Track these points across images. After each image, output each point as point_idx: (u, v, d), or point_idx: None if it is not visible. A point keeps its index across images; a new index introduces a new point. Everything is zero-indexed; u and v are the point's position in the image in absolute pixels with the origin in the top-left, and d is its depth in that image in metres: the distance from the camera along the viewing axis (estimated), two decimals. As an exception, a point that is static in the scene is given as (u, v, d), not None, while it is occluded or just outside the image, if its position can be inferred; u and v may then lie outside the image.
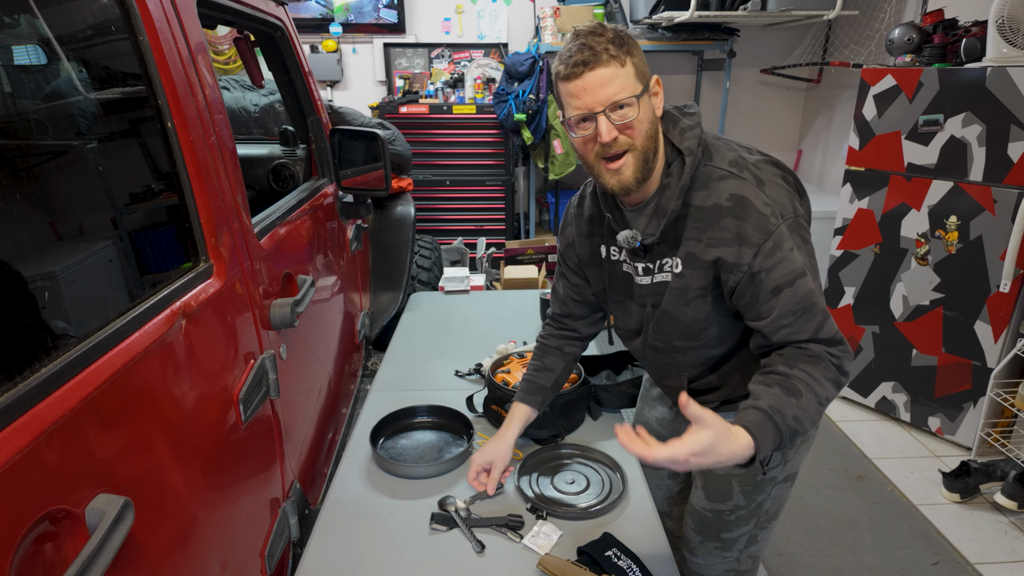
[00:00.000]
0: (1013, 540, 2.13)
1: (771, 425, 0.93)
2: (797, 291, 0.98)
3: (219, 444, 1.00)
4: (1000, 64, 2.26)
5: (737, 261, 1.00)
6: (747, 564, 1.35)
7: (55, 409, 0.65)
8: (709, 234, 1.02)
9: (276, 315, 1.25)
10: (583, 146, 1.03)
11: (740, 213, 0.99)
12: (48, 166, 1.15)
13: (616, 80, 0.97)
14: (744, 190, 1.00)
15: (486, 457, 1.28)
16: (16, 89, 1.29)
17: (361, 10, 3.94)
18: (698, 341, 1.14)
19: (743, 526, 1.29)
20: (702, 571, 1.38)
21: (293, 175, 2.28)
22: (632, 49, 0.99)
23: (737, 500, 1.26)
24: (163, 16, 0.98)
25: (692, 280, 1.07)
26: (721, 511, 1.28)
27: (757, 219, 0.98)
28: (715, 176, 1.03)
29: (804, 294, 0.99)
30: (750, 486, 1.24)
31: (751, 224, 0.98)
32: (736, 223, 0.99)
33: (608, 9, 3.78)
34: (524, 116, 3.56)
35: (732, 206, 1.00)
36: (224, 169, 1.12)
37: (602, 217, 1.18)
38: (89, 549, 0.63)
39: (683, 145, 1.04)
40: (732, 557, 1.34)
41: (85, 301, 1.09)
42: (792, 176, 1.08)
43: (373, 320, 2.58)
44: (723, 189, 1.01)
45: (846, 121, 3.73)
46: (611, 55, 0.96)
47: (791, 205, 1.01)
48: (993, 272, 2.36)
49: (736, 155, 1.05)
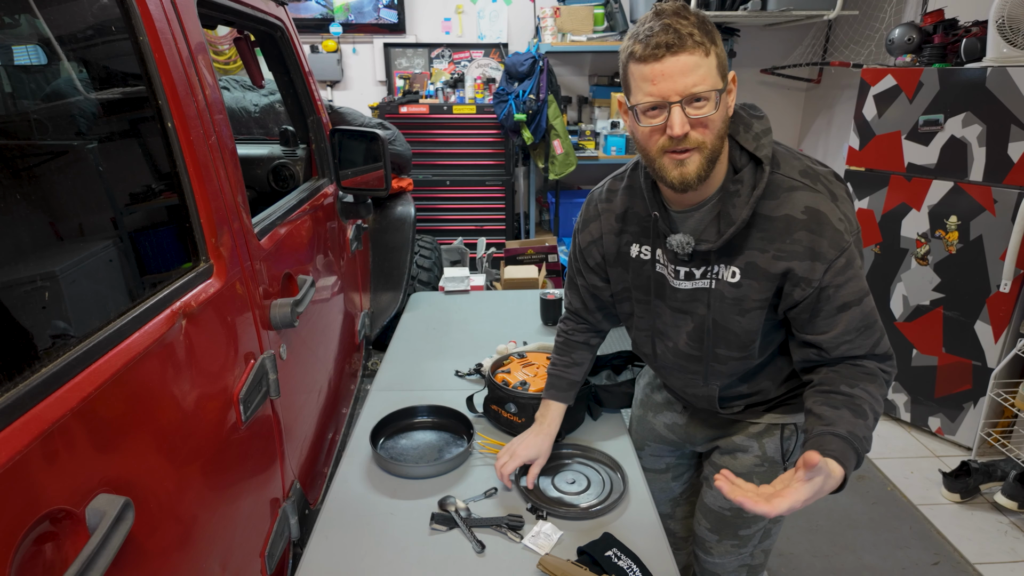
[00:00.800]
0: (1013, 540, 2.13)
1: (852, 451, 0.93)
2: (864, 308, 0.99)
3: (219, 444, 1.00)
4: (1000, 64, 2.26)
5: (808, 276, 0.97)
6: (760, 558, 1.36)
7: (55, 409, 0.65)
8: (777, 246, 0.98)
9: (276, 315, 1.25)
10: (647, 137, 0.97)
11: (815, 227, 0.96)
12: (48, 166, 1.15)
13: (699, 70, 0.89)
14: (820, 204, 0.97)
15: (528, 454, 1.28)
16: (16, 89, 1.29)
17: (361, 10, 3.94)
18: (745, 352, 1.11)
19: (760, 521, 1.29)
20: (717, 570, 1.38)
21: (293, 175, 2.28)
22: (717, 38, 0.92)
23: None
24: (163, 16, 0.98)
25: (751, 291, 1.03)
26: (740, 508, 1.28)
27: (832, 235, 0.96)
28: (785, 186, 0.98)
29: (868, 311, 0.99)
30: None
31: (827, 240, 0.96)
32: (810, 237, 0.96)
33: (608, 9, 3.78)
34: (524, 116, 3.56)
35: (807, 219, 0.96)
36: (224, 169, 1.12)
37: (636, 215, 1.14)
38: (89, 549, 0.63)
39: (761, 153, 0.98)
40: (747, 553, 1.34)
41: (85, 301, 1.09)
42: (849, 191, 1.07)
43: (373, 320, 2.58)
44: (797, 201, 0.97)
45: (846, 121, 3.73)
46: (696, 41, 0.89)
47: (856, 222, 1.00)
48: (993, 272, 2.36)
49: (804, 165, 1.01)
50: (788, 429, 1.22)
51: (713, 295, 1.07)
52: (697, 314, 1.11)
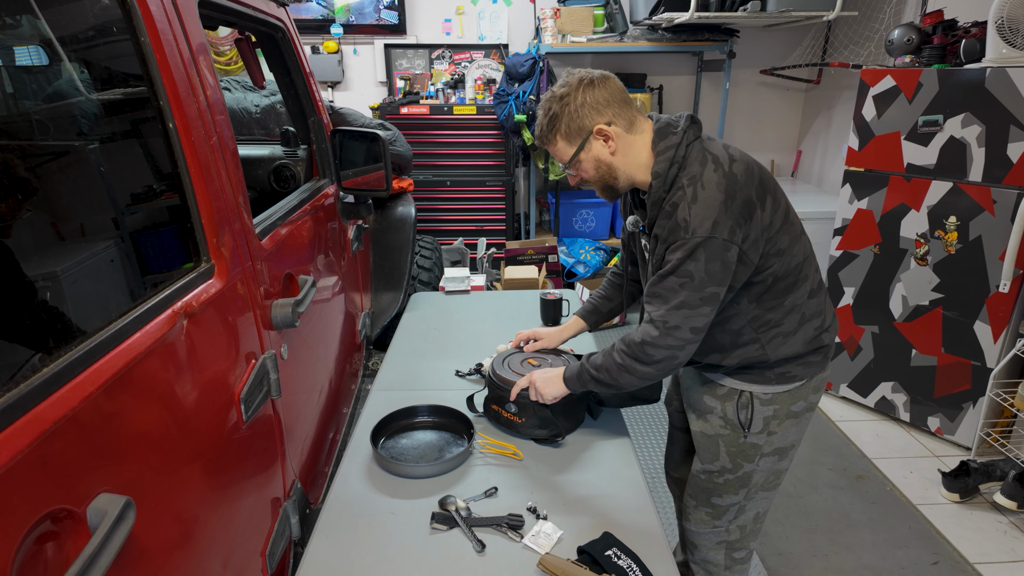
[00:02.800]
0: (1013, 540, 2.13)
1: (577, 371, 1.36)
2: (661, 282, 1.22)
3: (220, 444, 1.00)
4: (999, 65, 2.26)
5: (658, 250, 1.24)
6: (736, 535, 1.46)
7: (57, 409, 0.65)
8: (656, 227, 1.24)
9: (277, 315, 1.26)
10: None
11: (671, 217, 1.20)
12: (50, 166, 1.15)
13: (557, 154, 1.29)
14: (680, 201, 1.19)
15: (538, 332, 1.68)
16: (18, 90, 1.29)
17: (362, 11, 3.95)
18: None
19: (732, 494, 1.41)
20: (695, 540, 1.51)
21: (294, 175, 2.28)
22: (558, 124, 1.25)
23: (724, 462, 1.38)
24: (164, 17, 0.98)
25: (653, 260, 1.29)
26: (711, 472, 1.41)
27: (674, 226, 1.18)
28: (677, 184, 1.21)
29: (665, 286, 1.21)
30: (734, 448, 1.37)
31: (670, 228, 1.19)
32: (666, 223, 1.20)
33: (608, 10, 3.78)
34: (524, 117, 3.56)
35: (669, 211, 1.21)
36: (225, 169, 1.12)
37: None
38: (90, 548, 0.63)
39: (653, 169, 1.24)
40: (722, 527, 1.45)
41: (87, 301, 1.09)
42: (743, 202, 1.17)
43: (374, 320, 2.58)
44: (673, 197, 1.21)
45: (846, 122, 3.73)
46: (544, 141, 1.29)
47: (710, 226, 1.15)
48: (992, 272, 2.36)
49: (699, 171, 1.20)
50: (744, 397, 1.35)
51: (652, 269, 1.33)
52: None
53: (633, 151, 1.26)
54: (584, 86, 1.23)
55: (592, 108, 1.22)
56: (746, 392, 1.34)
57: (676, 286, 1.19)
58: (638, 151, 1.26)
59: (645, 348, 1.23)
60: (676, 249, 1.18)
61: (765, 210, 1.20)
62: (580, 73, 1.25)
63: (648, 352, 1.22)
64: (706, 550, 1.49)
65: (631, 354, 1.24)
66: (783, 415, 1.33)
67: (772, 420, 1.33)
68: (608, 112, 1.23)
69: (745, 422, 1.34)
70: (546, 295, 2.06)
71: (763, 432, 1.34)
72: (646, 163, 1.25)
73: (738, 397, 1.35)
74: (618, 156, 1.26)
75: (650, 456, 2.52)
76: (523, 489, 1.30)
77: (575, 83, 1.23)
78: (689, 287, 1.18)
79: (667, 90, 4.19)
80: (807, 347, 1.31)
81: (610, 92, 1.23)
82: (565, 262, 3.87)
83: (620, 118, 1.24)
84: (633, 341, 1.25)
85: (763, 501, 1.44)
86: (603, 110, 1.23)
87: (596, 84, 1.23)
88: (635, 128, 1.26)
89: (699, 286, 1.18)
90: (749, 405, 1.34)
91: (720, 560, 1.49)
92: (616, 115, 1.24)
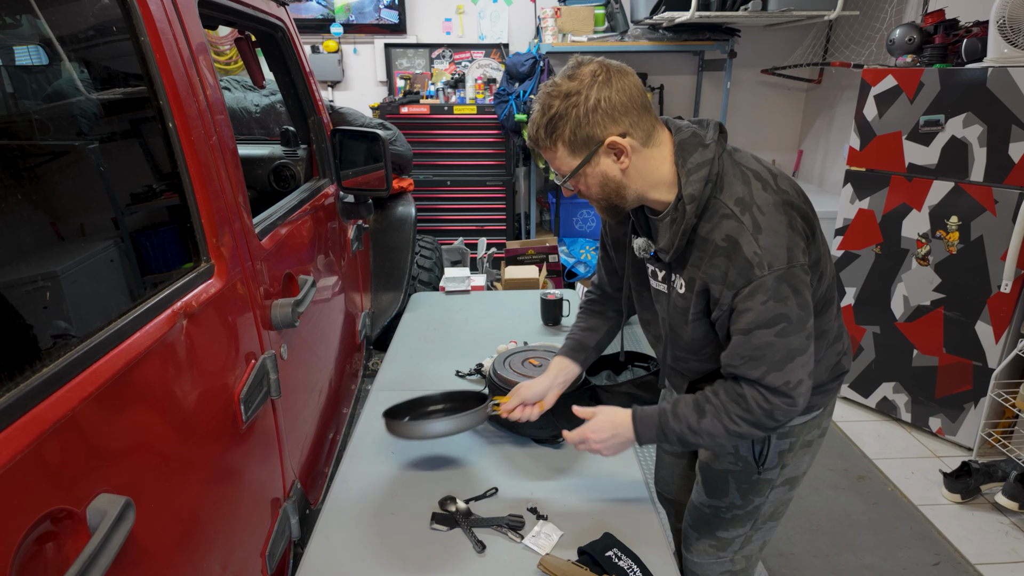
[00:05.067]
0: (1014, 540, 2.13)
1: (655, 423, 1.14)
2: (751, 340, 1.02)
3: (220, 444, 1.00)
4: (1001, 64, 2.26)
5: (719, 298, 1.04)
6: (741, 564, 1.37)
7: (57, 409, 0.65)
8: (704, 267, 1.04)
9: (277, 315, 1.25)
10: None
11: (732, 255, 1.00)
12: (50, 166, 1.15)
13: (555, 161, 1.06)
14: (740, 234, 0.99)
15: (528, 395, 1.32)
16: (18, 89, 1.29)
17: (362, 10, 3.94)
18: (698, 355, 1.18)
19: (739, 527, 1.31)
20: (697, 570, 1.40)
21: (294, 175, 2.28)
22: (562, 129, 1.01)
23: (733, 498, 1.28)
24: (164, 16, 0.98)
25: (690, 303, 1.10)
26: (718, 508, 1.31)
27: (743, 265, 0.99)
28: (720, 211, 1.02)
29: (757, 344, 1.01)
30: (746, 484, 1.27)
31: (736, 269, 0.99)
32: (726, 263, 1.01)
33: (609, 9, 3.78)
34: (525, 116, 3.56)
35: (726, 247, 1.00)
36: (225, 169, 1.12)
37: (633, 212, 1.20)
38: (90, 549, 0.63)
39: (686, 191, 1.03)
40: (727, 558, 1.36)
41: (86, 301, 1.09)
42: (801, 218, 1.03)
43: (374, 320, 2.58)
44: (722, 228, 1.01)
45: (847, 121, 3.72)
46: (543, 145, 1.05)
47: (786, 255, 0.98)
48: (994, 272, 2.36)
49: (746, 191, 1.01)
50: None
51: (669, 300, 1.16)
52: (660, 316, 1.22)
53: (649, 167, 1.05)
54: (599, 83, 0.99)
55: (606, 115, 0.99)
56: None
57: (773, 338, 1.00)
58: (655, 167, 1.05)
59: (774, 415, 1.03)
60: (755, 293, 0.98)
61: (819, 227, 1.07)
62: (593, 65, 1.01)
63: (777, 418, 1.04)
64: None
65: (754, 422, 1.04)
66: (798, 446, 1.24)
67: (787, 453, 1.23)
68: (624, 121, 1.00)
69: (760, 458, 1.23)
70: (546, 295, 2.06)
71: (777, 466, 1.24)
72: (666, 181, 1.05)
73: None
74: (630, 173, 1.04)
75: (650, 457, 2.52)
76: (523, 489, 1.30)
77: (587, 77, 0.99)
78: (790, 331, 1.00)
79: (668, 90, 4.19)
80: (830, 375, 1.20)
81: (629, 95, 1.00)
82: (565, 262, 3.87)
83: (638, 128, 1.02)
84: (754, 409, 1.04)
85: (770, 531, 1.35)
86: (619, 118, 1.00)
87: (613, 81, 0.99)
88: (653, 140, 1.04)
89: (799, 324, 1.00)
90: (765, 440, 1.22)
91: None
92: (633, 125, 1.01)
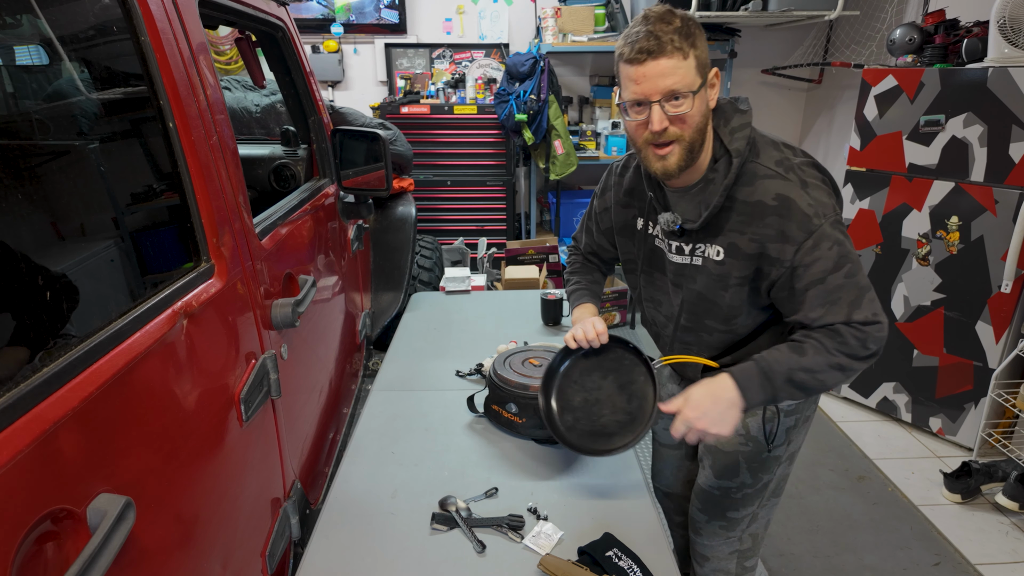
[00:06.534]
0: (1014, 541, 2.13)
1: (758, 372, 1.08)
2: (827, 286, 1.05)
3: (220, 444, 1.00)
4: (1002, 64, 2.26)
5: (780, 256, 1.06)
6: (748, 543, 1.41)
7: (57, 409, 0.65)
8: (753, 229, 1.07)
9: (277, 315, 1.25)
10: (634, 130, 1.08)
11: (784, 212, 1.04)
12: (50, 166, 1.15)
13: (676, 72, 1.00)
14: (790, 191, 1.04)
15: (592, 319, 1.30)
16: (18, 89, 1.29)
17: (362, 10, 3.94)
18: (728, 325, 1.20)
19: (748, 506, 1.35)
20: (707, 552, 1.44)
21: (294, 175, 2.28)
22: (697, 41, 1.01)
23: (744, 478, 1.32)
24: (165, 16, 0.98)
25: (733, 268, 1.12)
26: (728, 488, 1.34)
27: (800, 218, 1.03)
28: (760, 174, 1.07)
29: (833, 288, 1.05)
30: (756, 463, 1.30)
31: (795, 223, 1.04)
32: (780, 221, 1.04)
33: (609, 9, 3.78)
34: (525, 116, 3.56)
35: (777, 205, 1.05)
36: (226, 169, 1.12)
37: (643, 192, 1.23)
38: (90, 549, 0.63)
39: (732, 146, 1.07)
40: (735, 537, 1.40)
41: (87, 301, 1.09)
42: (829, 178, 1.11)
43: (374, 320, 2.58)
44: (768, 188, 1.06)
45: (847, 121, 3.72)
46: (675, 47, 0.99)
47: (832, 205, 1.06)
48: (994, 272, 2.35)
49: (782, 155, 1.08)
50: (770, 411, 1.27)
51: (699, 271, 1.17)
52: (686, 287, 1.21)
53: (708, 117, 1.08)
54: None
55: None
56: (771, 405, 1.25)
57: (844, 279, 1.04)
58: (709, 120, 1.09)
59: (867, 344, 1.05)
60: (819, 242, 1.03)
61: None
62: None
63: (869, 346, 1.05)
64: (718, 560, 1.44)
65: (850, 353, 1.05)
66: (801, 421, 1.29)
67: (792, 429, 1.29)
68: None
69: (770, 436, 1.27)
70: (547, 295, 2.06)
71: (784, 443, 1.29)
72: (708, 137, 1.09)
73: (763, 412, 1.27)
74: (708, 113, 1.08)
75: (650, 456, 2.52)
76: (523, 489, 1.30)
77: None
78: (855, 271, 1.05)
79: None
80: None
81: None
82: (565, 262, 3.86)
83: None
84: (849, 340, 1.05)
85: (772, 508, 1.40)
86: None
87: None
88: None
89: (858, 263, 1.06)
90: (776, 418, 1.26)
91: (732, 569, 1.44)
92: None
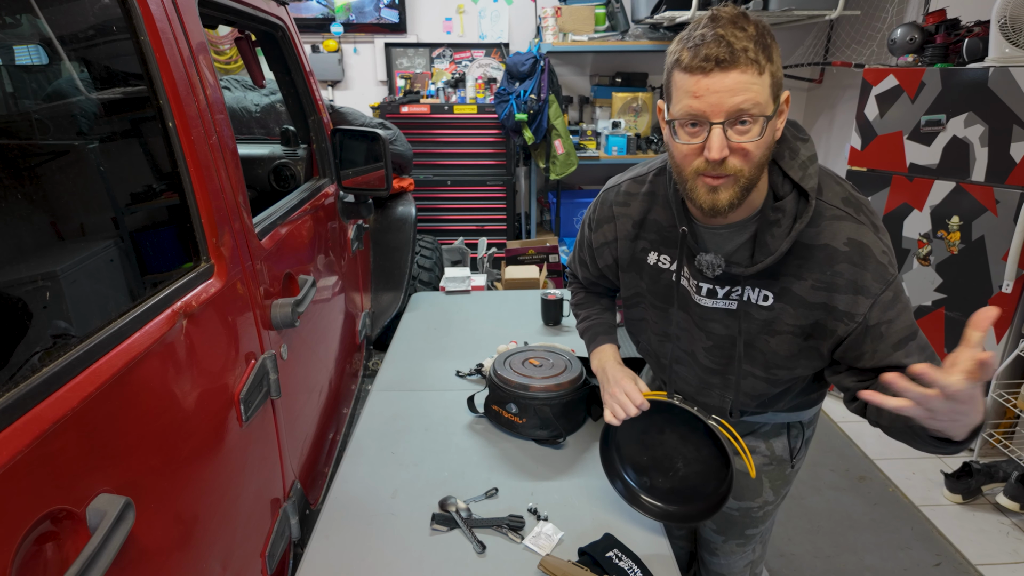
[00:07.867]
0: (1015, 541, 2.12)
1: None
2: (920, 341, 0.94)
3: (220, 444, 1.00)
4: (1003, 64, 2.25)
5: (851, 310, 0.92)
6: (760, 551, 1.40)
7: (56, 409, 0.65)
8: (816, 276, 0.93)
9: (277, 315, 1.25)
10: (683, 156, 0.88)
11: (859, 260, 0.91)
12: (50, 166, 1.15)
13: (749, 90, 0.81)
14: (863, 236, 0.91)
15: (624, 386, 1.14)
16: (18, 89, 1.29)
17: (362, 10, 3.94)
18: (767, 372, 1.06)
19: (766, 521, 1.33)
20: (723, 570, 1.41)
21: (294, 175, 2.28)
22: (774, 54, 0.83)
23: (767, 496, 1.29)
24: (164, 16, 0.98)
25: (785, 315, 0.98)
26: (750, 508, 1.30)
27: (876, 268, 0.91)
28: (827, 214, 0.92)
29: (924, 343, 0.95)
30: (779, 480, 1.27)
31: (871, 273, 0.91)
32: (853, 270, 0.91)
33: (609, 9, 3.78)
34: (525, 116, 3.56)
35: (850, 251, 0.91)
36: (225, 169, 1.12)
37: (657, 223, 1.08)
38: (90, 549, 0.63)
39: (807, 184, 0.91)
40: (749, 549, 1.37)
41: (86, 301, 1.09)
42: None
43: (374, 320, 2.58)
44: (838, 231, 0.91)
45: (848, 121, 3.72)
46: (750, 58, 0.80)
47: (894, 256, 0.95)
48: (995, 273, 2.35)
49: (846, 192, 0.95)
50: (795, 428, 1.23)
51: (734, 315, 1.02)
52: (715, 333, 1.06)
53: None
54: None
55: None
56: (796, 423, 1.22)
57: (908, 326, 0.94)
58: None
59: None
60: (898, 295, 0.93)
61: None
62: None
63: None
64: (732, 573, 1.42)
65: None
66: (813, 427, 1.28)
67: (809, 440, 1.27)
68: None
69: (794, 452, 1.24)
70: (547, 295, 2.06)
71: (802, 455, 1.27)
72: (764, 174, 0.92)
73: (787, 430, 1.23)
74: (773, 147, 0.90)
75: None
76: (524, 490, 1.29)
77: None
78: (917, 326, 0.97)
79: (668, 90, 4.18)
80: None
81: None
82: (566, 262, 3.86)
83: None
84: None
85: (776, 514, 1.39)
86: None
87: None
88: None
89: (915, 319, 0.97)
90: (800, 434, 1.23)
91: None
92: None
